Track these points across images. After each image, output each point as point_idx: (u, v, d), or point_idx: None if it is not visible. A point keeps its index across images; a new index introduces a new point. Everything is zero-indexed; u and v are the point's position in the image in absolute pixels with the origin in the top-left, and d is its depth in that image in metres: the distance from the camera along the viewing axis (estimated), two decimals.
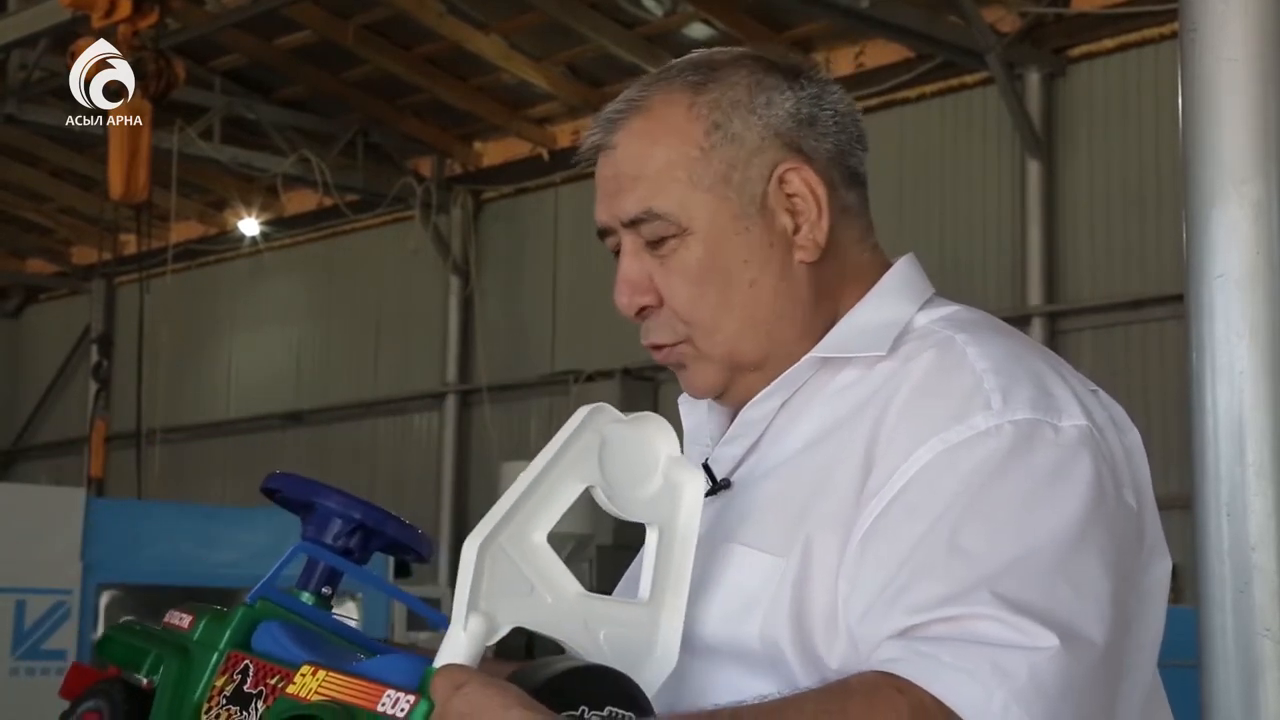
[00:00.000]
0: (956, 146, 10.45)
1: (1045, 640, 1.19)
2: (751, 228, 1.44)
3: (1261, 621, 2.85)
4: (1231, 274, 2.95)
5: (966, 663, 1.18)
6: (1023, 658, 1.19)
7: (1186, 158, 3.05)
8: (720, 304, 1.44)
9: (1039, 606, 1.21)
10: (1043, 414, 1.31)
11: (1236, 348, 2.93)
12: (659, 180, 1.43)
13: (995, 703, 1.17)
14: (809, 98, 1.46)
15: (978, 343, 1.38)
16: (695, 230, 1.43)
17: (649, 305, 1.47)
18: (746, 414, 1.46)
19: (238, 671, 1.35)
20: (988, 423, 1.30)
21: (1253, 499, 2.90)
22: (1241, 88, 2.98)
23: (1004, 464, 1.28)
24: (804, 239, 1.44)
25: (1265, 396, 2.92)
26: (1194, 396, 2.99)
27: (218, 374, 15.70)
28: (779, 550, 1.34)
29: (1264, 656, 2.85)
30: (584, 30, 10.92)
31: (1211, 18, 3.00)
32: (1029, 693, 1.18)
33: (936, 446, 1.30)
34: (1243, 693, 2.87)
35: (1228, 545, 2.90)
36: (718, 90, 1.45)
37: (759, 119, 1.44)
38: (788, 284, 1.44)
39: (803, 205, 1.44)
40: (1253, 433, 2.91)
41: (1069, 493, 1.28)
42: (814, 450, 1.39)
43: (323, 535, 1.47)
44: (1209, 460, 2.95)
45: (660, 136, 1.44)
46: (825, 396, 1.42)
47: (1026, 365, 1.37)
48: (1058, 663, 1.19)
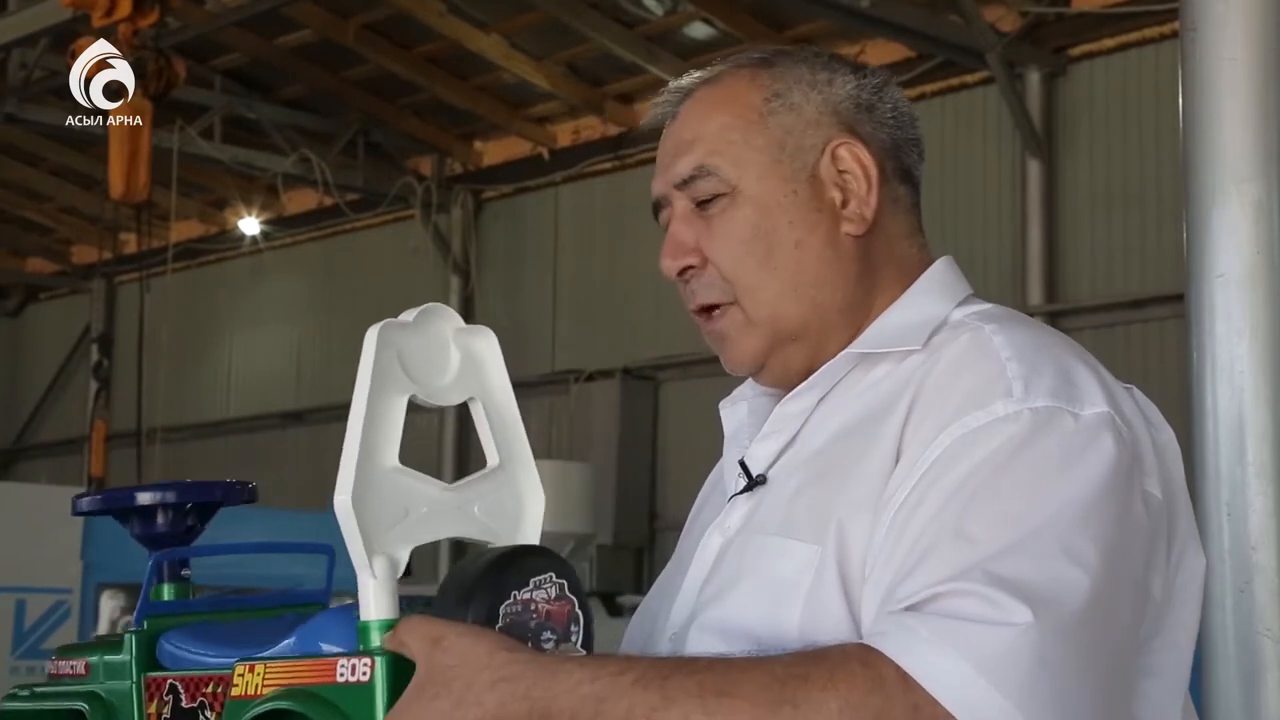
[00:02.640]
0: (957, 146, 10.45)
1: (1019, 615, 1.19)
2: (800, 191, 1.46)
3: (1261, 621, 2.85)
4: (1232, 274, 2.95)
5: (938, 636, 1.19)
6: (992, 632, 1.19)
7: (1187, 157, 3.05)
8: (764, 265, 1.46)
9: (1024, 583, 1.21)
10: (1063, 402, 1.32)
11: (1237, 347, 2.93)
12: (714, 140, 1.47)
13: (959, 675, 1.17)
14: (871, 86, 1.51)
15: (1005, 332, 1.40)
16: (744, 190, 1.46)
17: (692, 265, 1.48)
18: (782, 409, 1.48)
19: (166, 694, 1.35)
20: (1007, 409, 1.31)
21: (1253, 499, 2.90)
22: (1241, 88, 2.98)
23: (1019, 449, 1.29)
24: (851, 212, 1.47)
25: (1265, 396, 2.92)
26: (1194, 396, 2.99)
27: (218, 373, 15.70)
28: (812, 539, 1.35)
29: (1264, 656, 2.85)
30: (584, 30, 10.91)
31: (1211, 18, 3.00)
32: (996, 665, 1.17)
33: (956, 432, 1.31)
34: (1243, 693, 2.87)
35: (1228, 545, 2.90)
36: (783, 65, 1.50)
37: (819, 94, 1.49)
38: (833, 251, 1.46)
39: (853, 182, 1.47)
40: (1253, 432, 2.91)
41: (1081, 474, 1.28)
42: (845, 441, 1.40)
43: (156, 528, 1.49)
44: (1209, 460, 2.96)
45: (722, 104, 1.49)
46: (859, 390, 1.43)
47: (1052, 355, 1.38)
48: (1030, 637, 1.18)
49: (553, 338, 12.71)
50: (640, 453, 11.76)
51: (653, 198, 1.52)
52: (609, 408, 11.91)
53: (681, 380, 11.43)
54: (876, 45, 10.61)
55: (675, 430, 11.63)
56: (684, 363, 11.22)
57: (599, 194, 12.36)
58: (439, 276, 13.39)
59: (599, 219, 12.34)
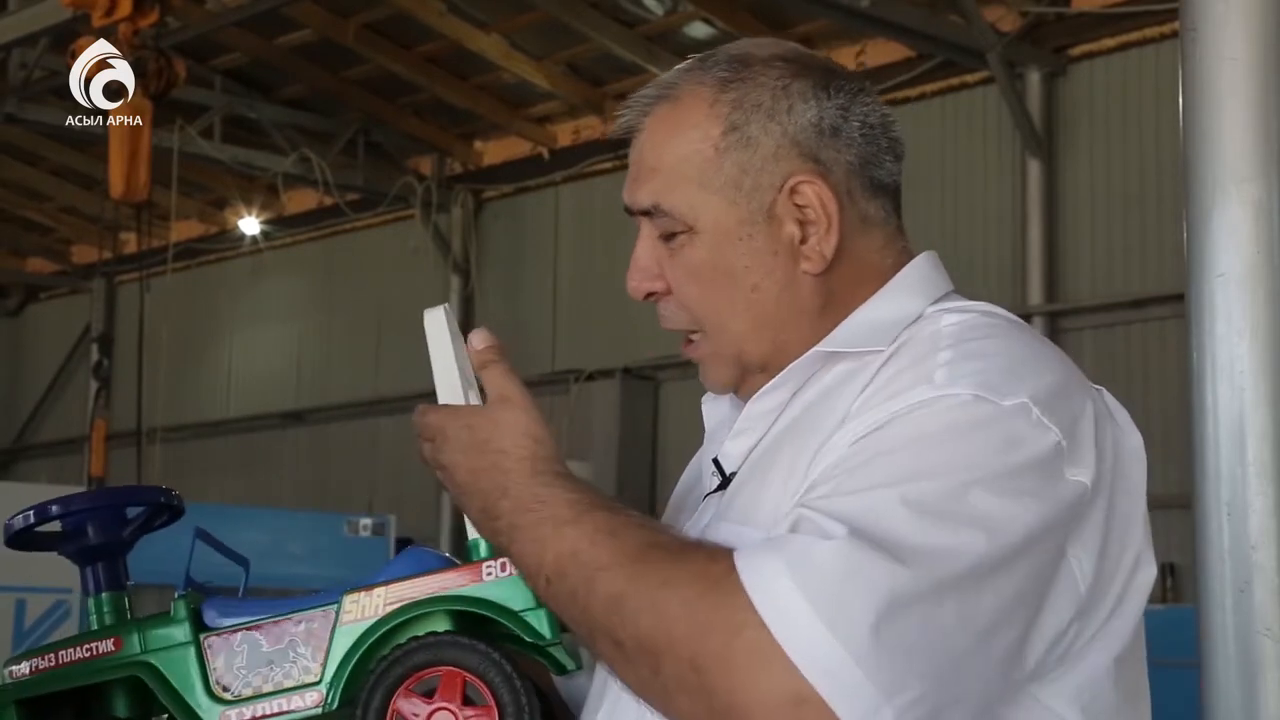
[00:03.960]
0: (957, 145, 10.45)
1: (836, 530, 1.22)
2: (756, 235, 1.44)
3: (1261, 621, 2.85)
4: (1232, 273, 2.95)
5: (770, 544, 1.24)
6: (810, 542, 1.22)
7: (1187, 157, 3.05)
8: (725, 305, 1.46)
9: (855, 512, 1.23)
10: (985, 391, 1.30)
11: (1237, 347, 2.93)
12: (671, 176, 1.45)
13: (771, 572, 1.20)
14: (834, 108, 1.46)
15: (958, 324, 1.39)
16: (701, 230, 1.45)
17: (656, 291, 1.49)
18: (752, 408, 1.48)
19: (238, 644, 1.41)
20: (924, 395, 1.31)
21: (1253, 498, 2.90)
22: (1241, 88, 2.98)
23: (920, 423, 1.29)
24: (810, 250, 1.44)
25: (1265, 396, 2.92)
26: (1194, 396, 2.99)
27: (218, 373, 15.70)
28: (761, 525, 1.36)
29: (1264, 656, 2.85)
30: (585, 29, 10.91)
31: (1211, 18, 3.00)
32: (802, 567, 1.20)
33: (874, 417, 1.32)
34: (1243, 693, 2.87)
35: (1228, 545, 2.90)
36: (742, 90, 1.45)
37: (778, 126, 1.44)
38: (790, 293, 1.45)
39: (813, 217, 1.44)
40: (1253, 432, 2.91)
41: (968, 445, 1.27)
42: (795, 432, 1.41)
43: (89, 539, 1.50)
44: (1209, 460, 2.95)
45: (680, 129, 1.45)
46: (825, 388, 1.43)
47: (998, 346, 1.36)
48: (840, 549, 1.20)
49: (553, 338, 12.71)
50: (640, 453, 11.76)
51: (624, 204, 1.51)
52: (609, 408, 11.91)
53: (681, 380, 11.43)
54: (876, 45, 10.62)
55: (675, 430, 11.63)
56: (684, 363, 11.05)
57: (599, 194, 12.36)
58: (439, 276, 13.39)
59: (599, 219, 12.34)
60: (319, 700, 1.38)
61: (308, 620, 1.40)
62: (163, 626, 1.43)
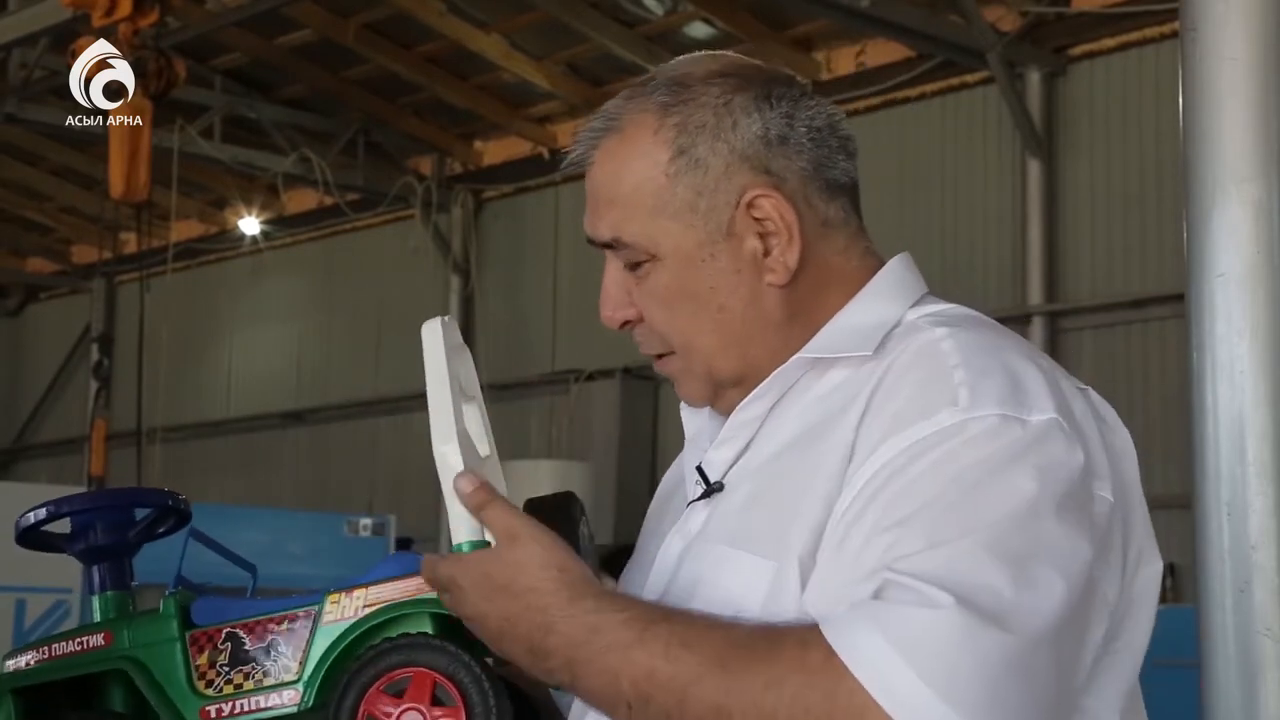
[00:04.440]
0: (957, 146, 10.45)
1: (941, 599, 1.20)
2: (718, 255, 1.44)
3: (1261, 621, 2.85)
4: (1232, 273, 2.95)
5: (866, 618, 1.22)
6: (913, 612, 1.20)
7: (1187, 157, 3.05)
8: (692, 326, 1.46)
9: (953, 575, 1.22)
10: (1010, 409, 1.31)
11: (1237, 347, 2.93)
12: (627, 207, 1.46)
13: (876, 652, 1.19)
14: (779, 117, 1.45)
15: (954, 337, 1.38)
16: (663, 257, 1.45)
17: (630, 320, 1.50)
18: (737, 416, 1.48)
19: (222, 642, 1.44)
20: (953, 419, 1.30)
21: (1253, 498, 2.90)
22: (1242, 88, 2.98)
23: (963, 457, 1.29)
24: (774, 262, 1.44)
25: (1266, 395, 2.92)
26: (1194, 396, 2.99)
27: (218, 373, 15.69)
28: (766, 553, 1.36)
29: (1264, 656, 2.85)
30: (585, 29, 10.91)
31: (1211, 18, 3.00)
32: (912, 645, 1.19)
33: (900, 444, 1.31)
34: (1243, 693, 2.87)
35: (1228, 545, 2.90)
36: (684, 113, 1.45)
37: (725, 144, 1.44)
38: (756, 309, 1.45)
39: (773, 228, 1.44)
40: (1253, 432, 2.91)
41: (1024, 479, 1.28)
42: (798, 450, 1.41)
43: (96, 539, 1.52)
44: (1209, 460, 2.95)
45: (629, 159, 1.46)
46: (813, 397, 1.43)
47: (1001, 359, 1.36)
48: (950, 619, 1.19)
49: (553, 338, 12.71)
50: (640, 453, 11.76)
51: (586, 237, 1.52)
52: (609, 408, 11.91)
53: None
54: (876, 45, 10.62)
55: (675, 430, 11.54)
56: None
57: None
58: (439, 276, 13.39)
59: None
60: (295, 698, 1.40)
61: (289, 620, 1.42)
62: (151, 623, 1.46)
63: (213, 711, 1.41)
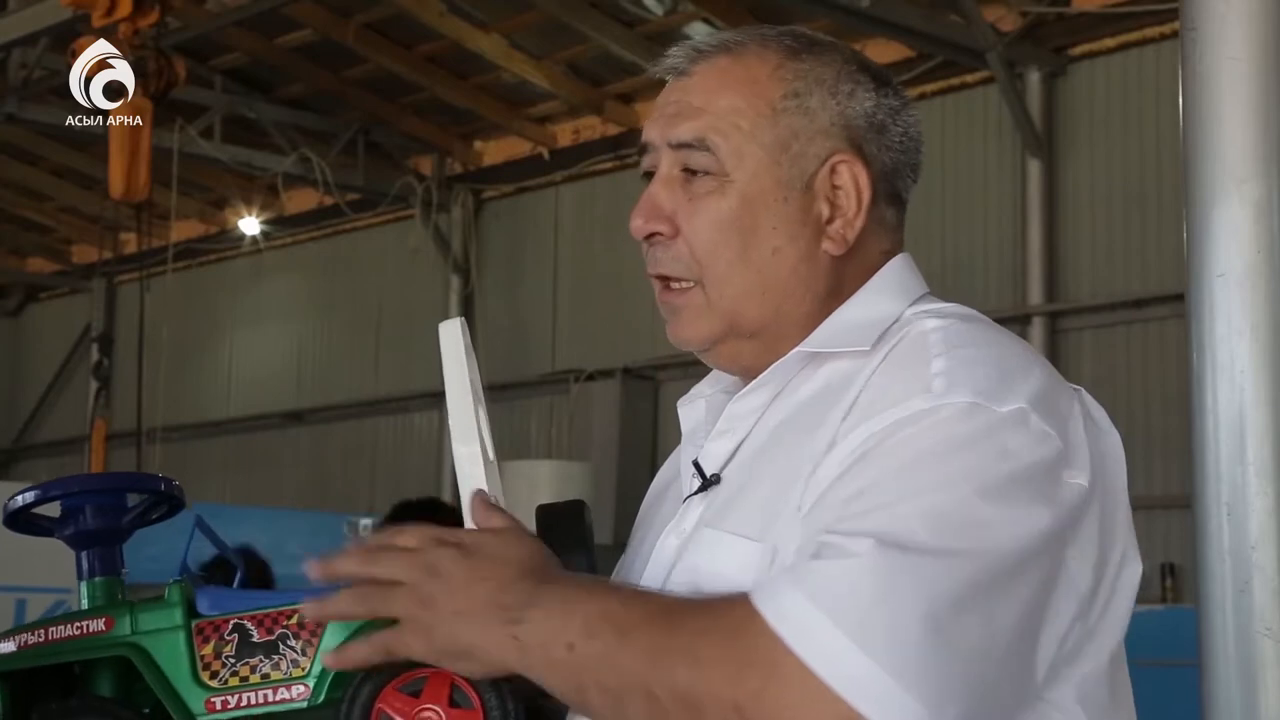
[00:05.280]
0: (957, 145, 10.45)
1: (859, 546, 1.21)
2: (791, 199, 1.45)
3: (1261, 621, 2.85)
4: (1232, 273, 2.95)
5: (791, 577, 1.23)
6: (832, 565, 1.22)
7: (1187, 157, 3.06)
8: (738, 259, 1.45)
9: (879, 528, 1.23)
10: (983, 399, 1.31)
11: (1237, 347, 2.93)
12: (721, 118, 1.44)
13: (797, 608, 1.20)
14: (889, 107, 1.49)
15: (944, 329, 1.39)
16: (736, 180, 1.44)
17: (660, 233, 1.47)
18: (733, 408, 1.48)
19: (229, 633, 1.41)
20: (924, 404, 1.31)
21: (1253, 498, 2.90)
22: (1241, 88, 2.98)
23: (924, 435, 1.29)
24: (834, 231, 1.46)
25: (1265, 395, 2.92)
26: (1194, 396, 2.99)
27: (218, 373, 15.70)
28: (755, 534, 1.37)
29: (1264, 656, 2.85)
30: (585, 29, 10.91)
31: (1211, 17, 3.00)
32: (829, 596, 1.19)
33: (872, 427, 1.32)
34: (1243, 692, 2.87)
35: (1228, 544, 2.90)
36: (809, 62, 1.47)
37: (837, 104, 1.46)
38: (808, 266, 1.46)
39: (844, 199, 1.45)
40: (1253, 431, 2.92)
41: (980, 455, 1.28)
42: (788, 440, 1.41)
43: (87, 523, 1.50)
44: (1209, 460, 2.96)
45: (739, 83, 1.46)
46: (808, 390, 1.44)
47: (987, 353, 1.37)
48: (865, 565, 1.20)
49: (553, 338, 12.71)
50: (640, 453, 11.76)
51: (642, 140, 1.49)
52: (609, 408, 11.91)
53: (681, 380, 11.43)
54: (876, 45, 10.61)
55: (675, 430, 11.52)
56: (684, 363, 11.20)
57: (599, 194, 12.36)
58: (439, 276, 13.39)
59: (599, 219, 12.34)
60: (305, 694, 1.39)
61: (300, 614, 1.40)
62: (155, 609, 1.43)
63: (218, 703, 1.39)
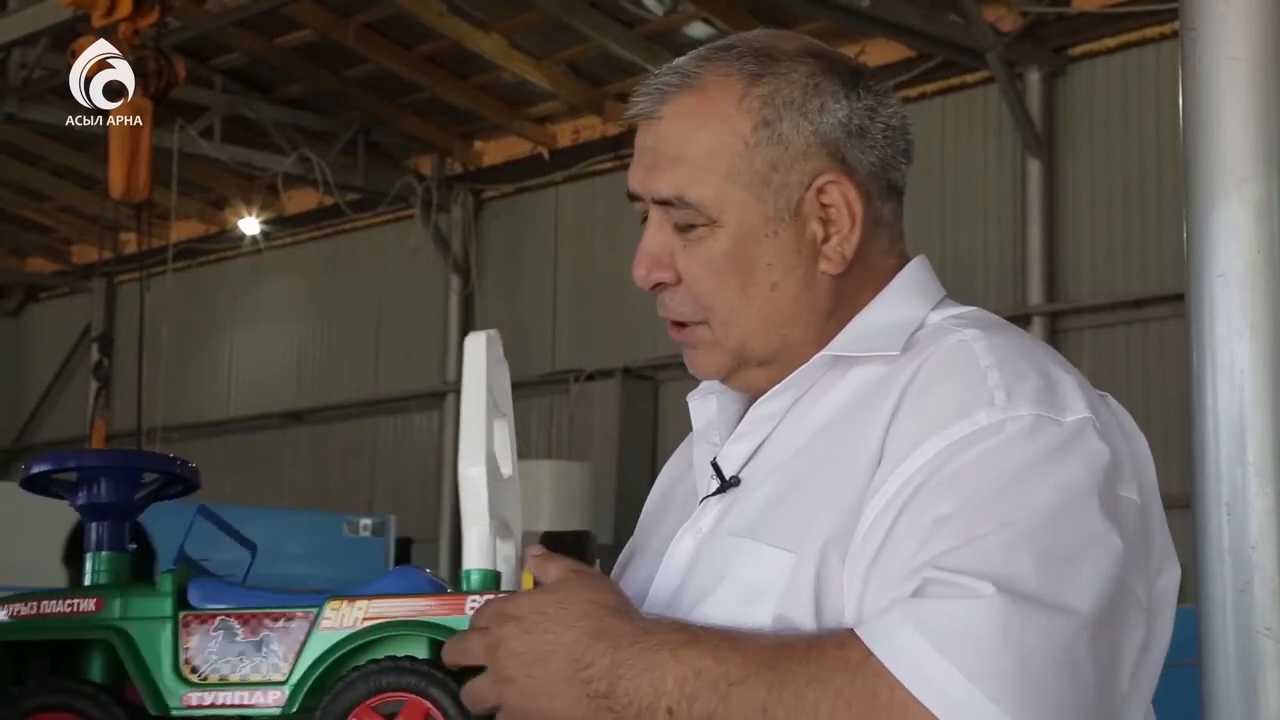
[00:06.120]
0: (957, 145, 10.45)
1: (982, 589, 1.20)
2: (781, 232, 1.43)
3: (1261, 621, 2.85)
4: (1232, 273, 2.95)
5: (904, 615, 1.21)
6: (951, 605, 1.21)
7: (1187, 157, 3.06)
8: (739, 299, 1.44)
9: (994, 568, 1.22)
10: (1045, 409, 1.31)
11: (1237, 347, 2.93)
12: (698, 167, 1.42)
13: (915, 650, 1.19)
14: (863, 109, 1.45)
15: (986, 339, 1.38)
16: (725, 224, 1.43)
17: (664, 282, 1.46)
18: (756, 411, 1.47)
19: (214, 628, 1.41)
20: (990, 418, 1.30)
21: (1253, 498, 2.90)
22: (1241, 88, 2.98)
23: (1002, 456, 1.29)
24: (832, 250, 1.44)
25: (1266, 395, 2.92)
26: (1194, 396, 2.99)
27: (218, 373, 15.70)
28: (790, 545, 1.35)
29: (1264, 656, 2.85)
30: (585, 29, 10.91)
31: (1211, 17, 3.00)
32: (950, 639, 1.19)
33: (940, 443, 1.30)
34: (1243, 692, 2.87)
35: (1228, 545, 2.90)
36: (773, 85, 1.43)
37: (809, 123, 1.43)
38: (809, 293, 1.44)
39: (836, 216, 1.43)
40: (1253, 432, 2.91)
41: (1064, 476, 1.28)
42: (823, 447, 1.40)
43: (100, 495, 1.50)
44: (1209, 460, 2.95)
45: (707, 121, 1.43)
46: (836, 394, 1.43)
47: (1033, 362, 1.36)
48: (991, 608, 1.19)
49: (553, 338, 12.71)
50: (640, 453, 11.76)
51: (628, 190, 1.48)
52: (609, 408, 11.91)
53: (681, 380, 11.43)
54: (876, 45, 10.62)
55: (675, 430, 11.62)
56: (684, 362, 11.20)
57: (599, 194, 12.36)
58: (439, 276, 13.39)
59: (599, 219, 12.34)
60: (281, 700, 1.38)
61: (286, 618, 1.40)
62: (145, 596, 1.43)
63: (194, 699, 1.39)
